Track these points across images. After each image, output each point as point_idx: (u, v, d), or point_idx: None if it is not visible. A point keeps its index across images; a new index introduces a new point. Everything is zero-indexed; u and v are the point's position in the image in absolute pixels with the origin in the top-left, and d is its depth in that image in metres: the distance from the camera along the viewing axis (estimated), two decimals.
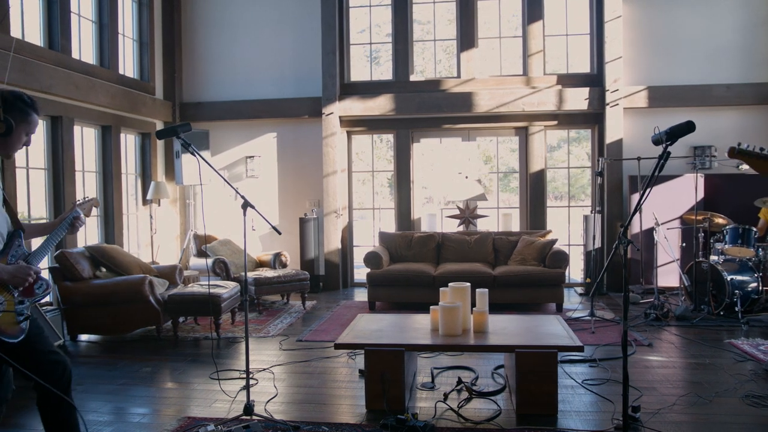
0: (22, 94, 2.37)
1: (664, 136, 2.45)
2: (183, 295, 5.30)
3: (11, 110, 2.30)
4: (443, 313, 3.66)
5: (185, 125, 3.09)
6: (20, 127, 2.33)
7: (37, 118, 2.41)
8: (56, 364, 2.45)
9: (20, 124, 2.32)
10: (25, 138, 2.38)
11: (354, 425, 3.32)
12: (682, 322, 5.62)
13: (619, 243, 2.65)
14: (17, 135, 2.33)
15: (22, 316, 2.33)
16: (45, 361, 2.41)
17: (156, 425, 3.41)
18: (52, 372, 2.42)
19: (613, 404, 3.57)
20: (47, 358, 2.43)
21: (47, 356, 2.44)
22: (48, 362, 2.42)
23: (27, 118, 2.35)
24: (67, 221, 2.58)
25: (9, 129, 2.28)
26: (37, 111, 2.39)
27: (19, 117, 2.32)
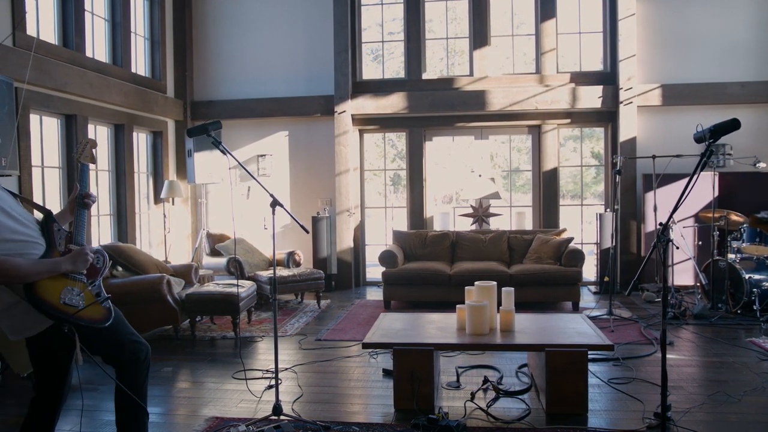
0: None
1: (707, 134, 2.42)
2: (201, 295, 5.27)
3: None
4: (471, 312, 3.64)
5: (216, 123, 3.07)
6: None
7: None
8: (140, 344, 2.51)
9: None
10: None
11: (384, 425, 3.30)
12: (701, 320, 5.60)
13: (658, 241, 2.62)
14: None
15: (101, 298, 2.35)
16: (128, 342, 2.47)
17: (184, 425, 3.39)
18: (137, 352, 2.49)
19: (642, 403, 3.55)
20: (130, 338, 2.49)
21: (130, 337, 2.50)
22: (131, 343, 2.48)
23: None
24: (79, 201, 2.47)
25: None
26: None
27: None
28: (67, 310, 2.21)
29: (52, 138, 5.94)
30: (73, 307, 2.22)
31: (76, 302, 2.24)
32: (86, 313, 2.26)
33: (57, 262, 2.25)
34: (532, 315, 4.25)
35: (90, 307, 2.28)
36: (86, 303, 2.27)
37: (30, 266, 2.16)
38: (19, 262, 2.14)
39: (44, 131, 5.80)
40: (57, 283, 2.24)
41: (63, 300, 2.21)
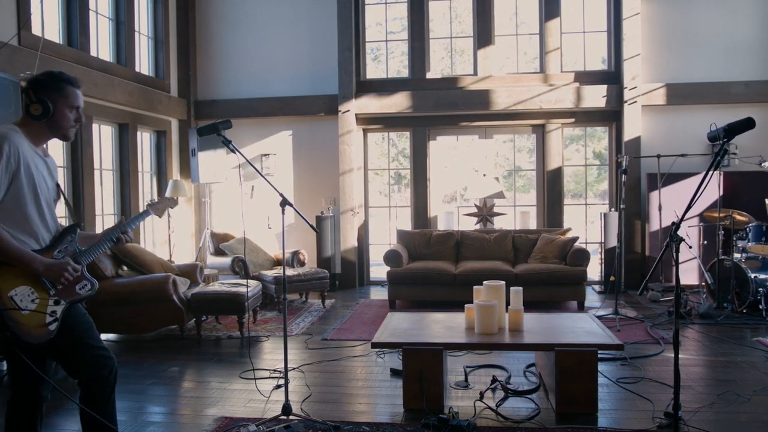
0: (50, 71, 2.27)
1: (722, 133, 2.42)
2: (206, 294, 5.27)
3: (43, 89, 2.20)
4: (480, 312, 3.63)
5: (226, 122, 3.06)
6: (59, 103, 2.22)
7: (74, 90, 2.26)
8: (105, 359, 2.36)
9: (58, 100, 2.22)
10: (73, 113, 2.27)
11: (394, 425, 3.29)
12: (706, 320, 5.59)
13: (670, 240, 2.62)
14: (60, 112, 2.23)
15: (53, 318, 2.19)
16: (92, 356, 2.32)
17: (194, 425, 3.38)
18: (100, 367, 2.34)
19: (651, 403, 3.54)
20: (95, 353, 2.34)
21: (95, 350, 2.34)
22: (95, 357, 2.33)
23: (63, 91, 2.23)
24: (113, 234, 2.46)
25: (46, 110, 2.19)
26: (72, 83, 2.26)
27: (54, 94, 2.21)
28: (5, 302, 2.08)
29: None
30: (14, 304, 2.10)
31: (23, 303, 2.12)
32: (23, 318, 2.11)
33: (33, 258, 2.15)
34: (540, 314, 4.25)
35: (32, 316, 2.13)
36: (33, 310, 2.14)
37: (9, 244, 2.09)
38: (6, 235, 2.09)
39: None
40: (22, 278, 2.14)
41: (12, 293, 2.11)
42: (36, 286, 2.18)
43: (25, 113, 2.22)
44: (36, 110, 2.19)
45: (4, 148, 2.08)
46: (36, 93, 2.19)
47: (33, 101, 2.18)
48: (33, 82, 2.22)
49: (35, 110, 2.18)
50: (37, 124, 2.23)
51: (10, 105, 4.24)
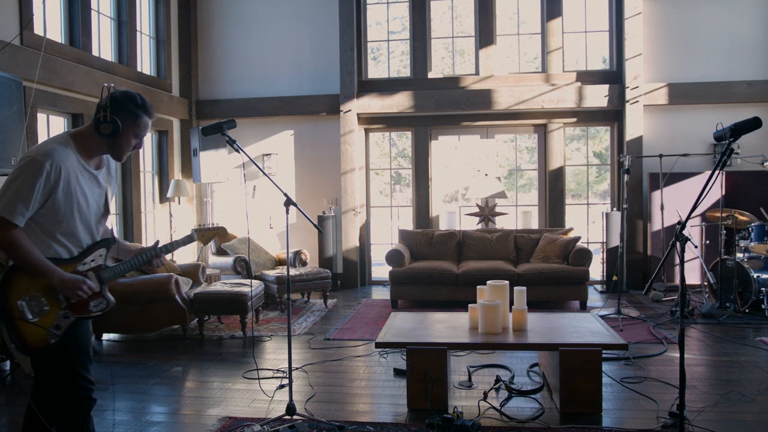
0: (135, 95, 2.26)
1: (728, 132, 2.41)
2: (209, 294, 5.26)
3: (120, 111, 2.19)
4: (483, 311, 3.63)
5: (230, 122, 3.06)
6: (128, 128, 2.22)
7: (147, 121, 2.27)
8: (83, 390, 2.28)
9: (128, 126, 2.22)
10: (134, 140, 2.27)
11: (398, 425, 3.29)
12: (709, 319, 5.59)
13: (676, 240, 2.61)
14: (125, 137, 2.23)
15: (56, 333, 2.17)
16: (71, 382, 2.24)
17: (198, 425, 3.37)
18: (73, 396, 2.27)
19: (655, 403, 3.54)
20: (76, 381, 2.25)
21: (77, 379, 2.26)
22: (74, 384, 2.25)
23: (136, 120, 2.23)
24: (145, 256, 2.44)
25: (116, 130, 2.18)
26: (148, 113, 2.27)
27: (128, 118, 2.21)
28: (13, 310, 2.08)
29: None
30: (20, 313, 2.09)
31: (31, 311, 2.12)
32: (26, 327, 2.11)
33: (52, 270, 2.14)
34: (543, 314, 4.25)
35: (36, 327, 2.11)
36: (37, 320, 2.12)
37: (34, 256, 2.10)
38: (29, 246, 2.10)
39: (51, 130, 5.79)
40: (37, 286, 2.15)
41: (22, 300, 2.11)
42: (49, 297, 2.17)
43: (95, 128, 2.21)
44: (106, 129, 2.19)
45: (45, 167, 2.09)
46: (112, 112, 2.18)
47: (106, 120, 2.18)
48: (113, 100, 2.20)
49: (105, 129, 2.19)
50: (100, 139, 2.23)
51: (13, 104, 4.24)
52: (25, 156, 2.12)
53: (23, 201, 2.07)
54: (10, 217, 2.06)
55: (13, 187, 2.07)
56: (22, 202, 2.07)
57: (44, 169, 2.09)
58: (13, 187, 2.07)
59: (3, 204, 2.06)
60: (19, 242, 2.08)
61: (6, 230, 2.07)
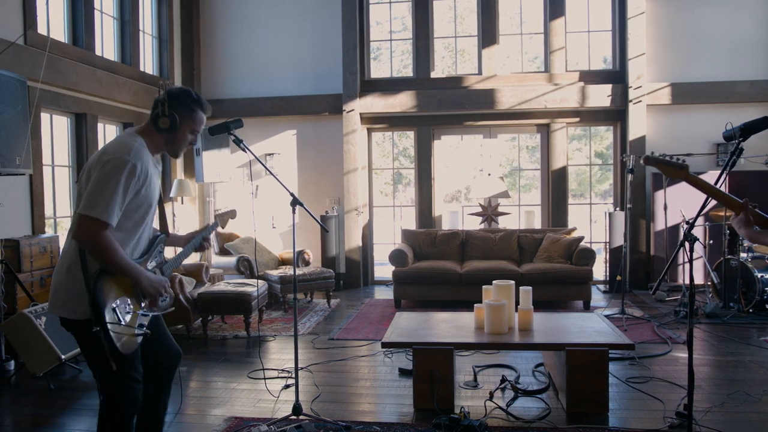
0: (189, 90, 2.32)
1: (737, 132, 2.41)
2: (213, 294, 5.26)
3: (177, 106, 2.25)
4: (489, 311, 3.63)
5: (237, 121, 3.05)
6: (185, 123, 2.27)
7: (202, 116, 2.34)
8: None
9: (185, 120, 2.27)
10: (190, 136, 2.33)
11: (405, 425, 3.29)
12: (713, 319, 5.59)
13: (685, 239, 2.61)
14: (182, 132, 2.28)
15: (141, 330, 2.21)
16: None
17: (203, 425, 3.37)
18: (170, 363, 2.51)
19: (662, 403, 3.54)
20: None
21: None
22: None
23: (192, 114, 2.29)
24: (196, 240, 2.54)
25: (173, 124, 2.23)
26: (203, 108, 2.33)
27: (184, 113, 2.26)
28: (107, 314, 2.08)
29: (61, 137, 5.93)
30: (116, 317, 2.11)
31: (120, 315, 2.14)
32: (120, 330, 2.13)
33: (140, 273, 2.17)
34: (548, 314, 4.25)
35: (127, 329, 2.15)
36: (127, 322, 2.16)
37: (122, 258, 2.11)
38: (119, 248, 2.10)
39: (54, 130, 5.78)
40: (123, 287, 2.17)
41: (114, 305, 2.12)
42: (133, 297, 2.21)
43: (153, 123, 2.25)
44: (164, 123, 2.23)
45: (137, 167, 2.11)
46: (169, 107, 2.23)
47: (164, 114, 2.22)
48: (170, 95, 2.26)
49: (163, 123, 2.23)
50: (159, 136, 2.27)
51: (18, 104, 4.23)
52: (110, 157, 2.10)
53: (119, 202, 2.08)
54: (108, 219, 2.05)
55: (109, 188, 2.06)
56: (118, 203, 2.08)
57: (136, 169, 2.11)
58: (108, 188, 2.06)
59: (101, 206, 2.04)
60: (111, 244, 2.08)
61: (102, 232, 2.05)
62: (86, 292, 2.09)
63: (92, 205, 2.05)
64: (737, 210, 2.35)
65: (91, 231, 2.05)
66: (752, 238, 2.40)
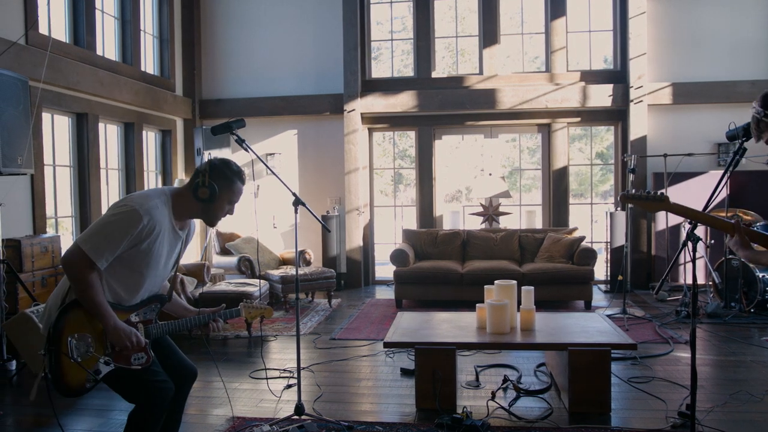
0: (230, 162, 2.36)
1: (741, 131, 2.41)
2: (214, 293, 5.26)
3: (217, 177, 2.28)
4: (491, 311, 3.62)
5: (239, 121, 3.05)
6: (223, 194, 2.31)
7: (241, 187, 2.38)
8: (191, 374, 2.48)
9: (224, 191, 2.30)
10: (227, 207, 2.36)
11: (407, 425, 3.28)
12: (714, 319, 5.58)
13: (688, 239, 2.60)
14: (220, 202, 2.31)
15: (94, 378, 2.15)
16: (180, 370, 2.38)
17: (206, 425, 3.37)
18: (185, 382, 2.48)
19: (664, 403, 3.54)
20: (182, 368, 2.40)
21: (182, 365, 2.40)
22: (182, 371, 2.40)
23: (231, 186, 2.33)
24: (203, 318, 2.46)
25: (213, 195, 2.26)
26: (242, 180, 2.38)
27: (223, 184, 2.29)
28: (62, 345, 2.09)
29: (62, 137, 5.92)
30: (67, 348, 2.10)
31: (78, 351, 2.12)
32: (68, 364, 2.11)
33: (110, 316, 2.15)
34: (550, 314, 4.25)
35: (77, 367, 2.12)
36: (81, 360, 2.12)
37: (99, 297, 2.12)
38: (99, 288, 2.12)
39: (55, 130, 5.78)
40: (88, 326, 2.16)
41: (71, 338, 2.12)
42: (96, 340, 2.18)
43: (192, 191, 2.28)
44: (204, 194, 2.26)
45: (142, 221, 2.13)
46: (210, 177, 2.26)
47: (204, 185, 2.25)
48: (211, 167, 2.29)
49: (203, 194, 2.26)
50: (196, 204, 2.29)
51: (19, 104, 4.23)
52: (127, 203, 2.15)
53: (111, 247, 2.11)
54: (96, 259, 2.09)
55: (107, 230, 2.11)
56: (110, 248, 2.11)
57: (141, 223, 2.13)
58: (106, 230, 2.11)
59: (93, 244, 2.09)
60: (92, 282, 2.10)
61: (86, 269, 2.09)
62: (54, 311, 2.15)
63: (88, 239, 2.11)
64: (730, 231, 2.32)
65: (77, 262, 2.10)
66: (750, 259, 2.39)
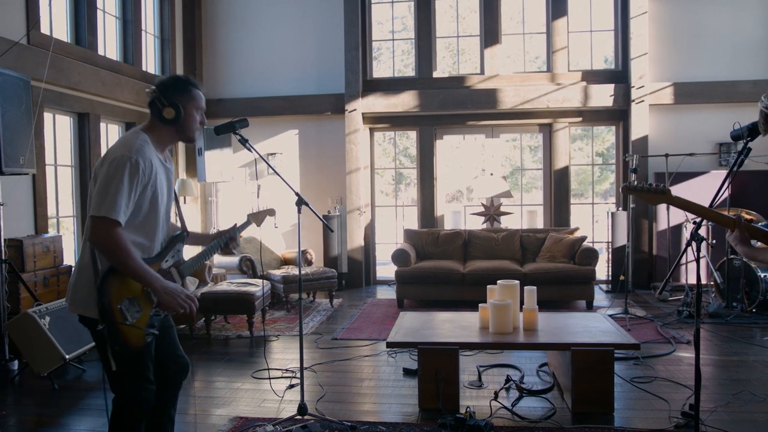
0: (177, 76, 2.32)
1: (745, 132, 2.41)
2: (216, 294, 5.26)
3: (173, 93, 2.24)
4: (494, 311, 3.62)
5: (242, 121, 3.04)
6: (188, 105, 2.27)
7: (199, 93, 2.33)
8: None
9: (187, 102, 2.27)
10: (198, 116, 2.32)
11: (410, 425, 3.28)
12: (716, 319, 5.58)
13: (692, 239, 2.60)
14: (189, 115, 2.28)
15: (151, 332, 2.18)
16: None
17: (208, 426, 3.37)
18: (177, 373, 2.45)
19: (667, 403, 3.54)
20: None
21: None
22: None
23: (191, 94, 2.29)
24: (222, 240, 2.51)
25: (178, 113, 2.22)
26: (197, 86, 2.33)
27: (183, 96, 2.26)
28: (115, 314, 2.08)
29: (64, 136, 5.92)
30: (122, 317, 2.10)
31: (129, 315, 2.12)
32: (127, 329, 2.11)
33: (154, 279, 2.12)
34: (552, 314, 4.25)
35: (134, 329, 2.13)
36: (135, 323, 2.13)
37: (136, 262, 2.08)
38: (132, 250, 2.08)
39: (57, 130, 5.78)
40: (130, 288, 2.14)
41: (120, 305, 2.10)
42: (142, 297, 2.17)
43: (157, 118, 2.24)
44: (169, 114, 2.21)
45: (140, 163, 2.09)
46: (167, 97, 2.22)
47: (165, 105, 2.21)
48: (162, 86, 2.25)
49: (168, 114, 2.21)
50: (166, 128, 2.26)
51: (22, 104, 4.23)
52: (114, 157, 2.09)
53: (125, 199, 2.06)
54: (116, 216, 2.04)
55: (113, 188, 2.05)
56: (124, 200, 2.06)
57: (139, 165, 2.09)
58: (112, 188, 2.05)
59: (107, 204, 2.03)
60: (123, 244, 2.05)
61: (112, 230, 2.04)
62: (93, 288, 2.09)
63: (99, 205, 2.05)
64: (731, 227, 2.33)
65: (102, 231, 2.04)
66: (749, 255, 2.39)
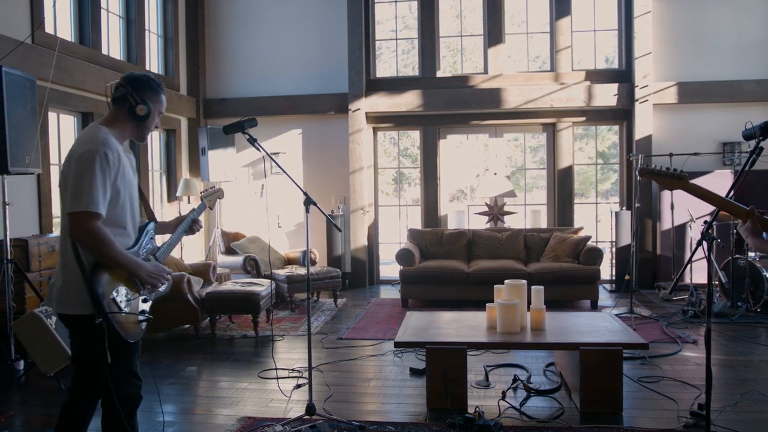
0: (148, 74, 2.34)
1: (758, 131, 2.40)
2: (221, 293, 5.25)
3: (146, 91, 2.26)
4: (502, 311, 3.62)
5: (251, 120, 3.04)
6: (155, 107, 2.30)
7: (164, 98, 2.36)
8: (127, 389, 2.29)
9: (155, 104, 2.30)
10: (157, 119, 2.35)
11: (419, 424, 3.28)
12: (721, 319, 5.57)
13: (702, 239, 2.60)
14: (153, 117, 2.30)
15: (144, 316, 2.26)
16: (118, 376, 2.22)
17: (216, 426, 3.36)
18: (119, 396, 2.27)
19: (675, 402, 3.53)
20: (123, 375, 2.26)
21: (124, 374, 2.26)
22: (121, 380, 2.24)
23: (159, 97, 2.32)
24: (186, 223, 2.56)
25: (148, 112, 2.25)
26: (163, 90, 2.36)
27: (153, 97, 2.29)
28: (110, 305, 2.12)
29: (68, 136, 5.91)
30: (117, 307, 2.14)
31: (123, 304, 2.17)
32: (123, 319, 2.17)
33: (138, 265, 2.20)
34: (558, 313, 4.24)
35: (130, 317, 2.19)
36: (129, 311, 2.20)
37: (118, 251, 2.12)
38: (114, 241, 2.11)
39: (61, 129, 5.77)
40: (120, 276, 2.18)
41: (113, 296, 2.14)
42: (129, 285, 2.23)
43: (127, 114, 2.25)
44: (141, 111, 2.23)
45: (108, 155, 2.11)
46: (140, 95, 2.24)
47: (139, 102, 2.23)
48: (135, 83, 2.25)
49: (141, 111, 2.24)
50: (129, 124, 2.27)
51: (27, 103, 4.22)
52: (81, 152, 2.10)
53: (101, 191, 2.09)
54: (95, 207, 2.07)
55: (87, 181, 2.07)
56: (100, 192, 2.09)
57: (109, 157, 2.11)
58: (86, 181, 2.07)
59: (85, 199, 2.06)
60: (106, 237, 2.09)
61: (92, 222, 2.07)
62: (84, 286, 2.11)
63: (77, 200, 2.07)
64: (743, 218, 2.33)
65: (84, 225, 2.07)
66: (759, 248, 2.39)
